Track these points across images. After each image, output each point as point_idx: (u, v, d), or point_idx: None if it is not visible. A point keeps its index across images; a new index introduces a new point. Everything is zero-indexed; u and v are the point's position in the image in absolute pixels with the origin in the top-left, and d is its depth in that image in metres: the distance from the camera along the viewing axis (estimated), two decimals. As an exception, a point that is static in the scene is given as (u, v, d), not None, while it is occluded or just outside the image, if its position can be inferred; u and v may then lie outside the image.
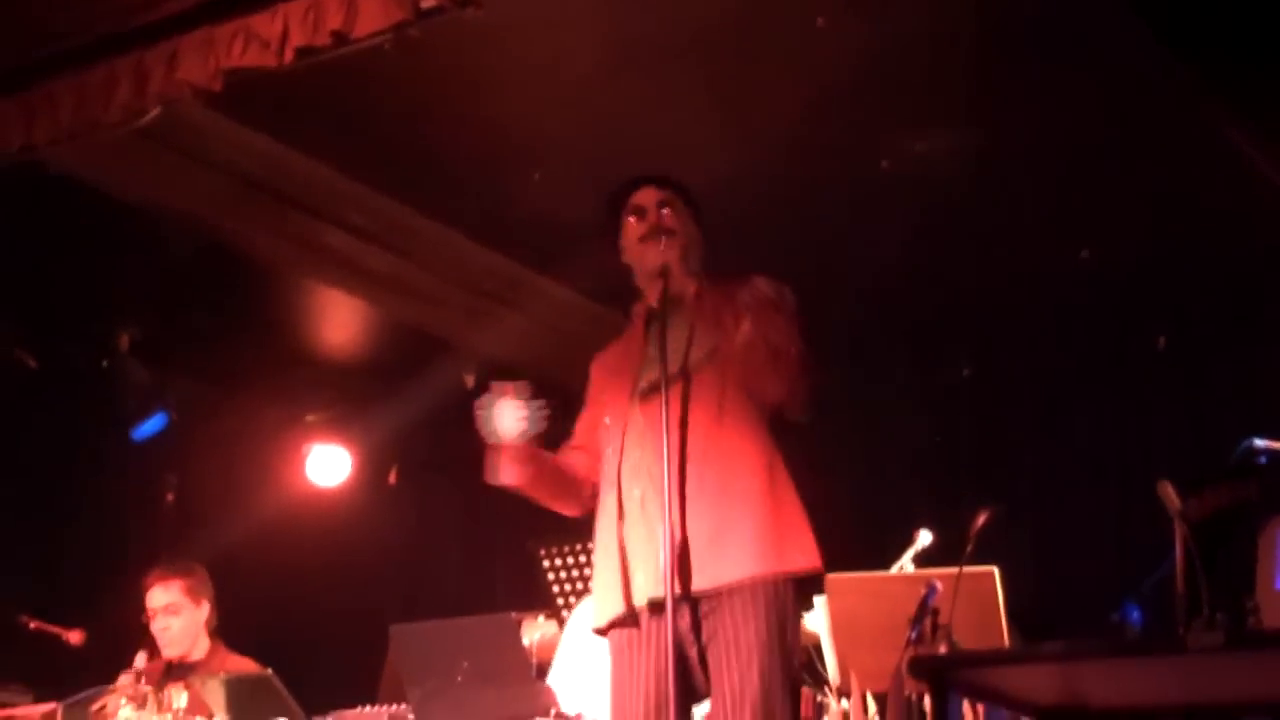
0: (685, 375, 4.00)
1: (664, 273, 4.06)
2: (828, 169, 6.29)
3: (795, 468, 4.06)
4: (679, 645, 3.85)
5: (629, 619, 3.96)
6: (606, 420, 4.16)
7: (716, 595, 3.82)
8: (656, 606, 3.89)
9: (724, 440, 3.93)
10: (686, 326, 4.08)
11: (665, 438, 3.83)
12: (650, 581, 3.89)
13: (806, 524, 3.96)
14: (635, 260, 4.24)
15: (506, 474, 4.04)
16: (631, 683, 3.92)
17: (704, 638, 3.83)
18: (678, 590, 3.77)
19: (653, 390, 4.01)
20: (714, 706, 3.82)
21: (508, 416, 3.98)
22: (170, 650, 5.94)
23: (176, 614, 5.96)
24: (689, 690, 3.88)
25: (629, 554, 3.96)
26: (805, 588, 3.99)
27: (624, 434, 4.08)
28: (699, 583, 3.79)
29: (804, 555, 3.92)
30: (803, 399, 4.03)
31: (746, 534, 3.83)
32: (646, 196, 4.25)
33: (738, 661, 3.78)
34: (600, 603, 4.04)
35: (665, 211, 4.21)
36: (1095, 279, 7.09)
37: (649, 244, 4.14)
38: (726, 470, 3.88)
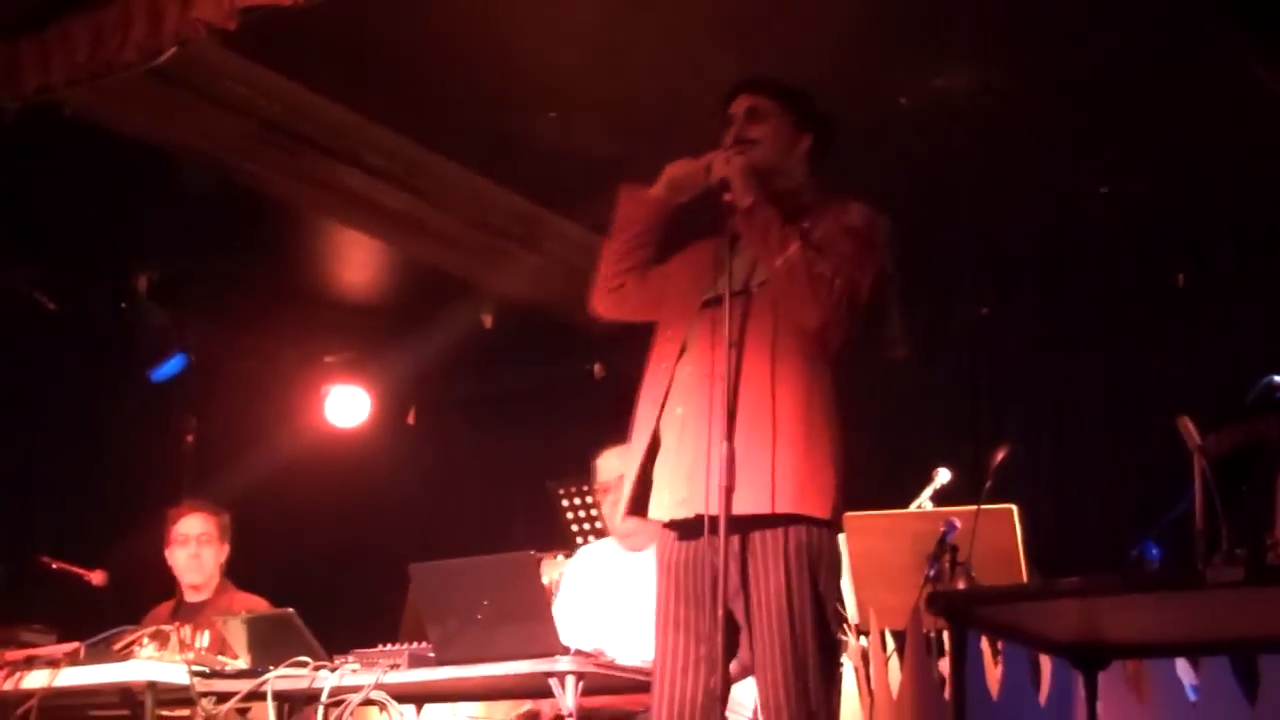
0: (750, 292, 3.89)
1: (723, 187, 3.93)
2: (846, 105, 6.24)
3: (844, 404, 3.97)
4: (714, 572, 3.79)
5: (664, 535, 3.93)
6: (668, 332, 4.04)
7: (747, 530, 3.76)
8: (682, 526, 3.87)
9: (765, 365, 3.83)
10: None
11: (714, 363, 3.78)
12: (673, 502, 3.87)
13: (832, 470, 3.84)
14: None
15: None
16: (665, 600, 3.89)
17: (734, 575, 3.77)
18: (709, 512, 3.72)
19: (710, 305, 3.93)
20: (749, 642, 3.79)
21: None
22: (194, 577, 6.04)
23: (209, 544, 6.08)
24: (730, 620, 3.83)
25: (658, 478, 3.92)
26: (835, 528, 3.87)
27: (680, 349, 3.98)
28: (717, 509, 3.73)
29: (818, 503, 3.81)
30: (845, 334, 3.92)
31: (763, 468, 3.75)
32: (738, 104, 4.11)
33: (768, 602, 3.74)
34: (630, 504, 4.00)
35: (752, 123, 4.05)
36: (1114, 215, 7.06)
37: (715, 162, 4.00)
38: (759, 398, 3.80)
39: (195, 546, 6.07)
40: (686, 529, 3.86)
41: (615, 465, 5.17)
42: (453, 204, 7.29)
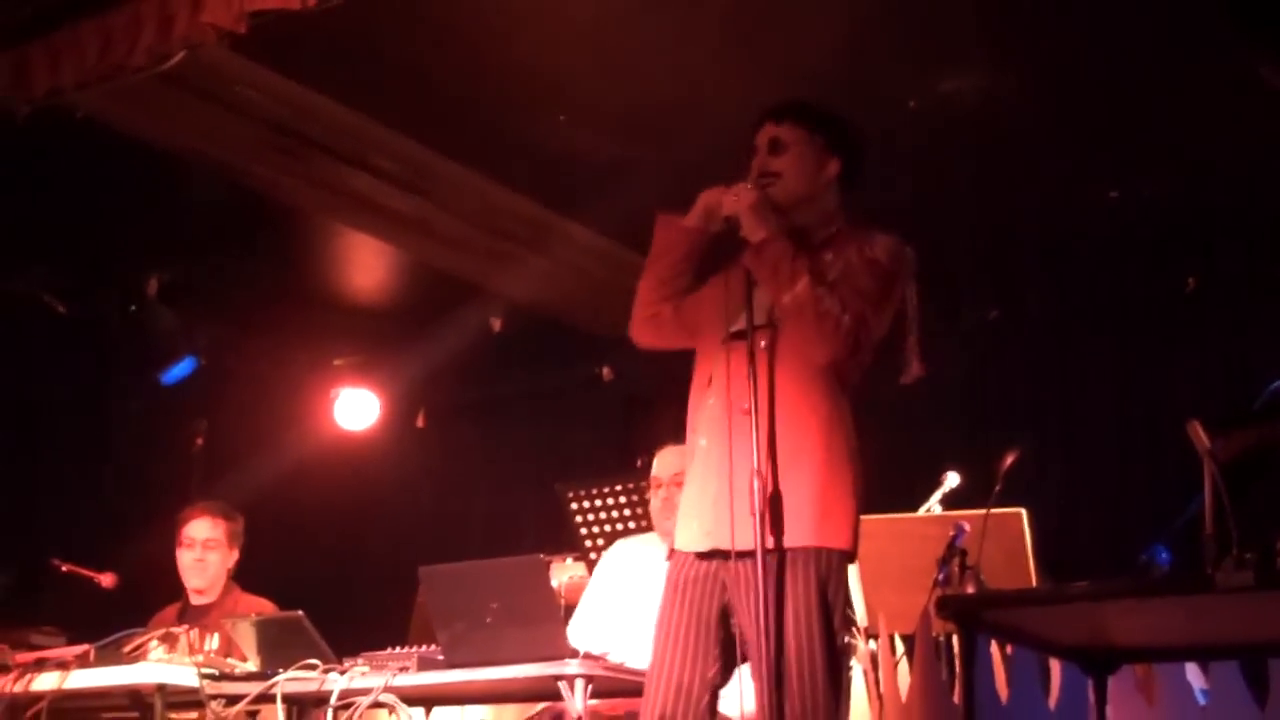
0: (772, 325, 3.88)
1: (731, 225, 3.92)
2: (853, 108, 6.25)
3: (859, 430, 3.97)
4: (724, 602, 3.82)
5: (679, 560, 3.94)
6: (699, 362, 4.06)
7: (758, 558, 3.75)
8: (704, 555, 3.88)
9: (788, 397, 3.83)
10: None
11: (734, 395, 3.79)
12: (700, 533, 3.87)
13: (850, 502, 3.85)
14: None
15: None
16: (670, 618, 3.91)
17: (741, 602, 3.77)
18: (717, 546, 3.76)
19: (735, 338, 3.91)
20: (751, 663, 3.79)
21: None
22: (197, 581, 6.01)
23: (215, 550, 6.04)
24: (728, 641, 3.85)
25: (684, 507, 3.95)
26: (848, 556, 3.87)
27: (710, 379, 3.98)
28: (742, 542, 3.74)
29: (836, 534, 3.81)
30: (856, 366, 3.94)
31: (792, 503, 3.74)
32: (762, 135, 4.07)
33: (767, 619, 3.73)
34: (680, 532, 4.02)
35: (774, 154, 4.01)
36: (1123, 219, 7.05)
37: (725, 198, 3.96)
38: (781, 431, 3.80)
39: (200, 551, 6.04)
40: (706, 556, 3.87)
41: (671, 462, 5.18)
42: (461, 207, 7.29)
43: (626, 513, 6.20)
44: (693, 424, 4.01)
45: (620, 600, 5.28)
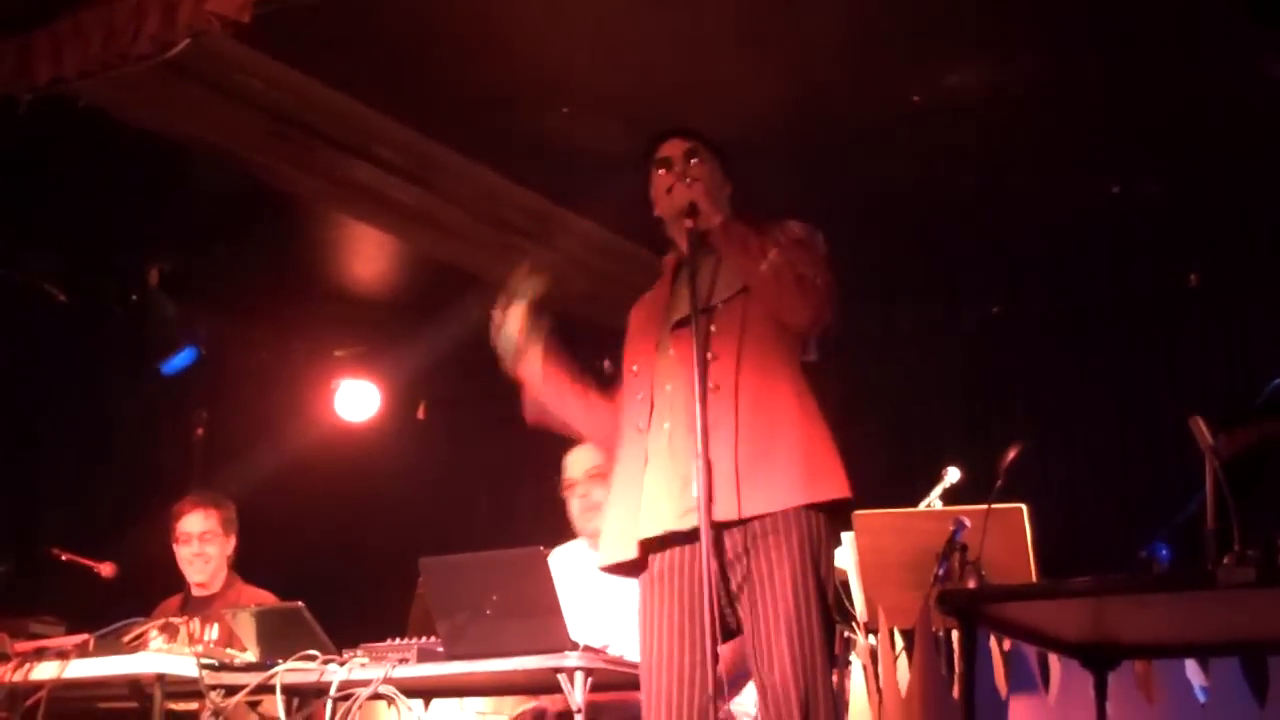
0: (715, 308, 4.03)
1: (691, 210, 4.08)
2: (858, 103, 6.26)
3: (822, 401, 4.06)
4: (709, 573, 3.84)
5: (645, 557, 3.97)
6: (634, 368, 4.17)
7: (747, 527, 3.82)
8: (677, 537, 3.89)
9: (755, 371, 3.95)
10: (715, 262, 4.11)
11: (698, 369, 3.85)
12: (673, 513, 3.89)
13: (836, 454, 3.96)
14: (664, 210, 4.25)
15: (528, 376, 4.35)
16: (656, 611, 3.93)
17: (737, 574, 3.83)
18: (710, 519, 3.77)
19: (681, 325, 4.03)
20: (750, 638, 3.81)
21: (510, 322, 4.27)
22: (198, 576, 6.01)
23: (211, 542, 6.03)
24: (720, 623, 3.88)
25: (651, 491, 3.96)
26: (836, 517, 3.98)
27: (653, 376, 4.08)
28: (728, 513, 3.79)
29: (834, 485, 3.92)
30: (827, 329, 4.07)
31: (780, 465, 3.84)
32: (673, 148, 4.28)
33: (773, 594, 3.79)
34: (611, 544, 4.05)
35: (693, 161, 4.22)
36: (1126, 215, 7.05)
37: (674, 191, 4.16)
38: (759, 401, 3.90)
39: (198, 545, 6.03)
40: (686, 537, 3.89)
41: (583, 459, 5.19)
42: (464, 199, 7.29)
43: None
44: (639, 427, 4.07)
45: (571, 609, 5.26)
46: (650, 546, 3.97)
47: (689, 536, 3.87)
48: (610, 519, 4.08)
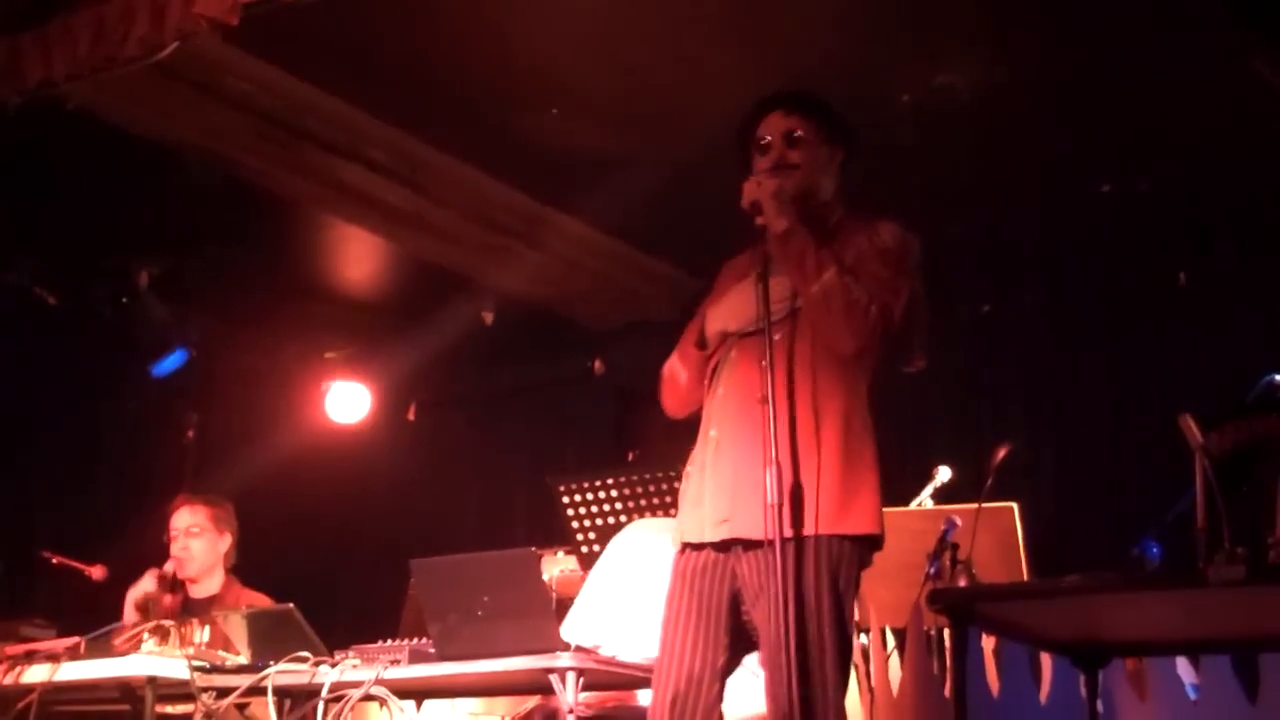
0: (784, 321, 3.84)
1: (754, 210, 3.84)
2: (848, 102, 6.24)
3: (879, 419, 3.95)
4: (734, 587, 3.81)
5: (686, 551, 3.93)
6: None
7: (773, 545, 3.74)
8: (699, 547, 3.87)
9: (806, 392, 3.80)
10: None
11: (771, 388, 3.71)
12: (709, 523, 3.86)
13: (874, 485, 3.83)
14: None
15: None
16: (678, 608, 3.90)
17: (754, 589, 3.77)
18: (736, 535, 3.74)
19: (748, 335, 3.88)
20: (763, 650, 3.78)
21: None
22: (186, 570, 5.99)
23: (198, 537, 6.02)
24: (736, 630, 3.84)
25: (694, 497, 3.92)
26: (865, 544, 3.83)
27: (716, 370, 3.97)
28: (754, 531, 3.71)
29: (863, 519, 3.80)
30: (878, 355, 3.90)
31: (810, 492, 3.74)
32: (771, 126, 4.03)
33: (788, 614, 3.72)
34: (679, 521, 4.01)
35: (794, 148, 3.97)
36: (1115, 213, 7.06)
37: (745, 187, 3.89)
38: (804, 425, 3.76)
39: (184, 539, 6.02)
40: (718, 546, 3.86)
41: None
42: (453, 200, 7.29)
43: (618, 506, 6.18)
44: (704, 419, 3.96)
45: (629, 585, 5.23)
46: (689, 545, 3.93)
47: (719, 545, 3.85)
48: (681, 507, 4.03)
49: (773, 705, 3.75)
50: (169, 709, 4.97)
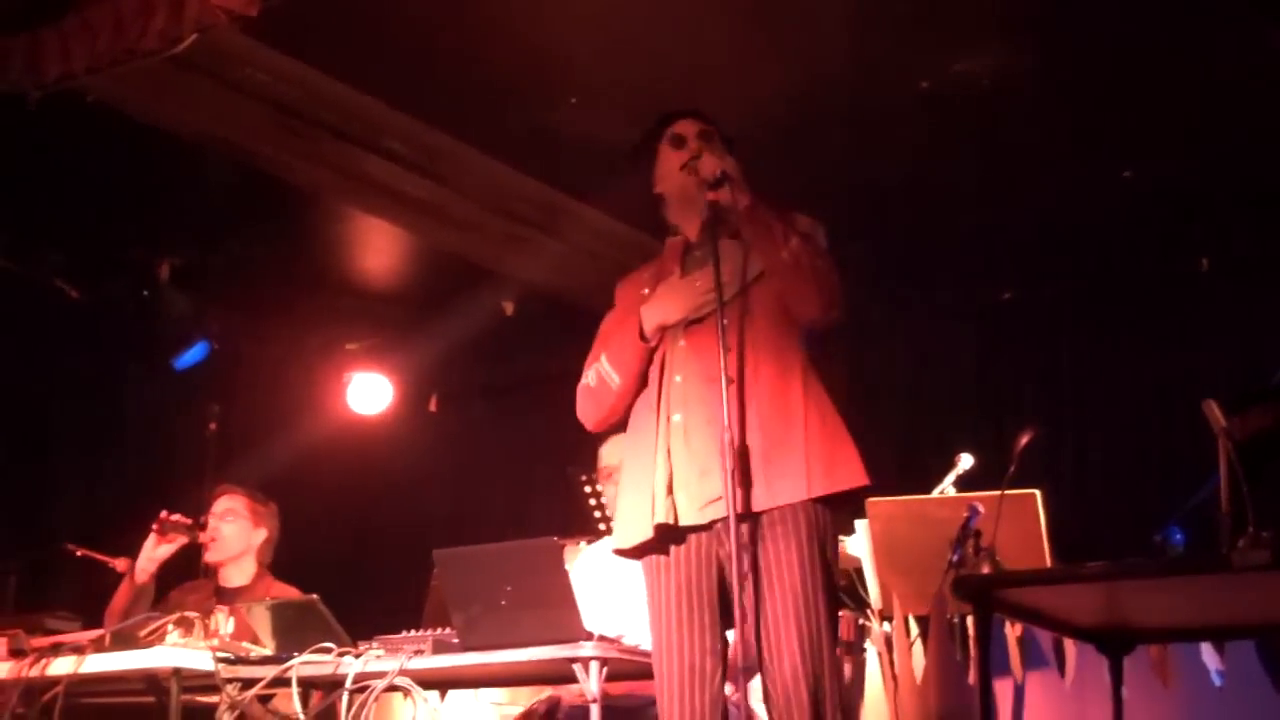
0: (739, 297, 3.96)
1: (720, 181, 3.97)
2: (866, 89, 6.25)
3: (833, 390, 4.05)
4: (720, 567, 3.86)
5: (658, 544, 3.96)
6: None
7: (756, 519, 3.81)
8: (696, 529, 3.89)
9: (767, 363, 3.92)
10: (737, 248, 4.02)
11: (723, 360, 3.80)
12: (692, 506, 3.89)
13: (849, 442, 3.95)
14: (674, 189, 4.19)
15: None
16: (665, 601, 3.93)
17: (743, 564, 3.81)
18: (729, 511, 3.74)
19: (696, 321, 3.99)
20: (758, 627, 3.80)
21: None
22: (213, 554, 5.99)
23: (231, 522, 6.02)
24: (725, 611, 3.89)
25: (669, 478, 3.95)
26: (846, 504, 3.98)
27: (664, 361, 4.05)
28: (739, 506, 3.76)
29: (847, 474, 3.91)
30: (832, 323, 4.04)
31: (791, 460, 3.81)
32: (686, 127, 4.23)
33: (780, 584, 3.78)
34: (628, 526, 4.04)
35: (709, 143, 4.16)
36: (1137, 199, 7.03)
37: (692, 168, 4.05)
38: (771, 394, 3.87)
39: (215, 522, 6.02)
40: (699, 528, 3.88)
41: (619, 450, 5.15)
42: (473, 191, 7.29)
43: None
44: (650, 408, 4.04)
45: (601, 606, 5.26)
46: (661, 533, 3.96)
47: (703, 527, 3.87)
48: (624, 505, 4.08)
49: (768, 679, 3.78)
50: (208, 699, 4.97)
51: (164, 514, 5.82)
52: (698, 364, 3.95)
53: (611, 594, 5.25)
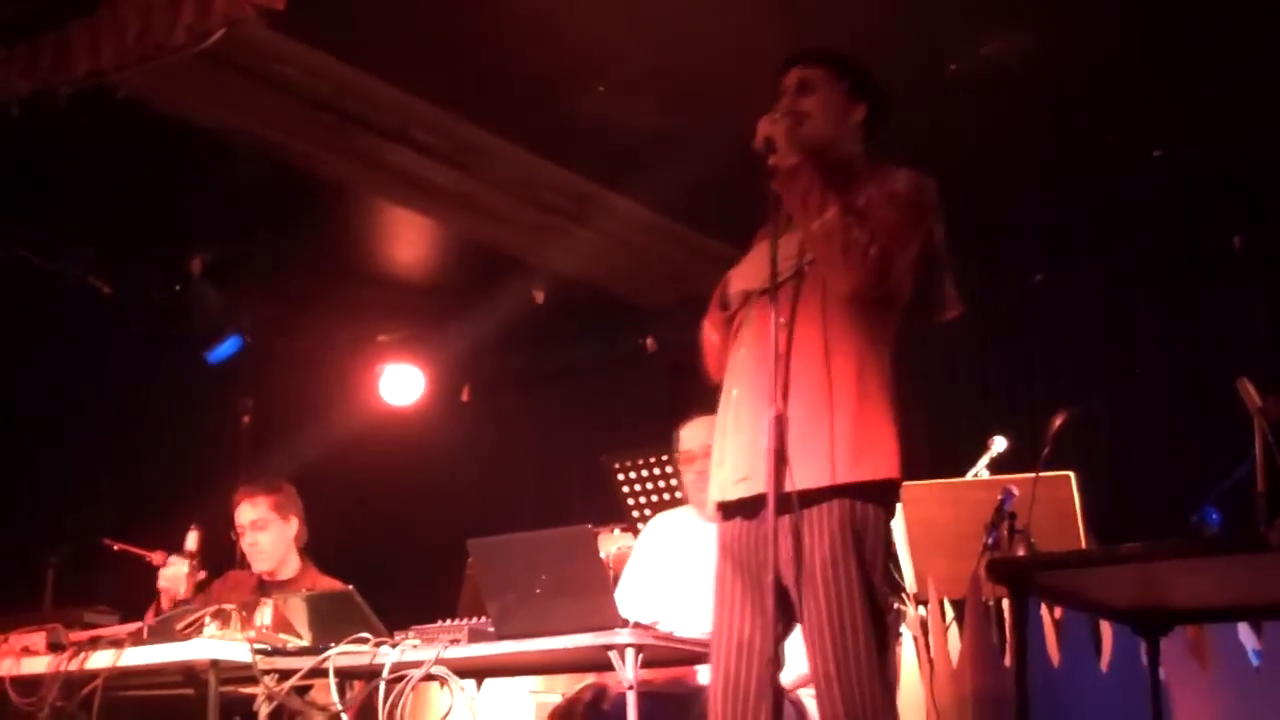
0: (797, 276, 3.83)
1: (767, 147, 3.84)
2: (895, 71, 6.21)
3: (899, 371, 3.92)
4: (768, 543, 3.78)
5: (724, 518, 3.93)
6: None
7: (798, 504, 3.72)
8: (736, 507, 3.86)
9: (819, 343, 3.79)
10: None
11: (774, 338, 3.70)
12: (729, 481, 3.86)
13: (890, 433, 3.79)
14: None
15: None
16: (721, 575, 3.90)
17: (788, 551, 3.74)
18: (769, 490, 3.68)
19: (764, 292, 3.85)
20: (802, 623, 3.76)
21: None
22: (259, 565, 6.00)
23: (264, 529, 6.00)
24: (786, 596, 3.81)
25: (723, 454, 3.92)
26: (886, 497, 3.79)
27: (739, 330, 3.98)
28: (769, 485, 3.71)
29: (877, 464, 3.76)
30: (886, 308, 3.87)
31: (823, 441, 3.73)
32: (789, 78, 4.03)
33: (813, 583, 3.69)
34: (708, 497, 4.01)
35: (803, 95, 3.97)
36: (1168, 178, 7.00)
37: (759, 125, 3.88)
38: (816, 373, 3.78)
39: (251, 534, 6.01)
40: (744, 508, 3.85)
41: (700, 435, 5.13)
42: (503, 181, 7.30)
43: (673, 483, 6.20)
44: (727, 379, 3.99)
45: (664, 573, 5.27)
46: (723, 509, 3.93)
47: (744, 507, 3.84)
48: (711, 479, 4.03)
49: (811, 668, 3.74)
50: (248, 690, 4.99)
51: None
52: (755, 338, 3.87)
53: (678, 563, 5.23)
